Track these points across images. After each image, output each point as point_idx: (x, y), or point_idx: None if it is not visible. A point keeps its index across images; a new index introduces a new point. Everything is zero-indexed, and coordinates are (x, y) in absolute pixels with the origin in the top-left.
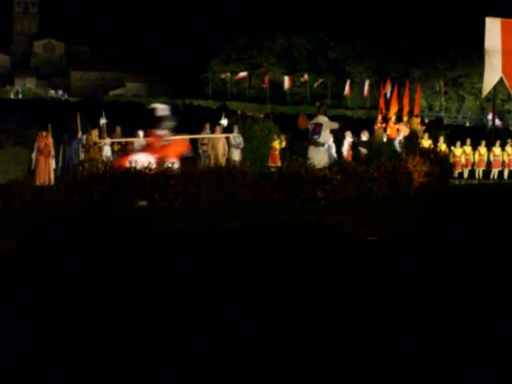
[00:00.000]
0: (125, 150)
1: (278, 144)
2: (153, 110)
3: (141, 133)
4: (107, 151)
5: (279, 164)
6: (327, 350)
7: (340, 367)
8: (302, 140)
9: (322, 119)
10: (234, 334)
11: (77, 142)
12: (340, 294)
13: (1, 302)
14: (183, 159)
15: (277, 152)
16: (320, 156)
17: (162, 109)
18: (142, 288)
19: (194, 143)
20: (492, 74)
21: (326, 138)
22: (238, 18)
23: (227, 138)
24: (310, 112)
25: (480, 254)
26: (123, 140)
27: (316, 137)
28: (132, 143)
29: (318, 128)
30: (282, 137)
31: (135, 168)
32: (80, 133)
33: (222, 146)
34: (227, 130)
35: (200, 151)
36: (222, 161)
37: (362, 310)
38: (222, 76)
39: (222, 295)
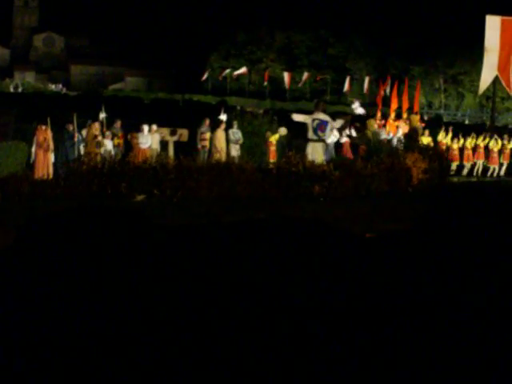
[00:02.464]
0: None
1: (273, 139)
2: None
3: (145, 127)
4: (108, 145)
5: (276, 159)
6: (324, 349)
7: (337, 367)
8: (301, 136)
9: (325, 117)
10: (229, 330)
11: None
12: (338, 291)
13: None
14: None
15: (273, 147)
16: (318, 151)
17: None
18: (141, 282)
19: (193, 138)
20: (489, 71)
21: (328, 136)
22: (238, 14)
23: (226, 134)
24: (309, 108)
25: (479, 251)
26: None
27: (322, 134)
28: (135, 136)
29: (324, 126)
30: (281, 129)
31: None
32: (76, 135)
33: (223, 141)
34: (226, 125)
35: (199, 146)
36: (223, 155)
37: (359, 307)
38: (223, 74)
39: (220, 291)
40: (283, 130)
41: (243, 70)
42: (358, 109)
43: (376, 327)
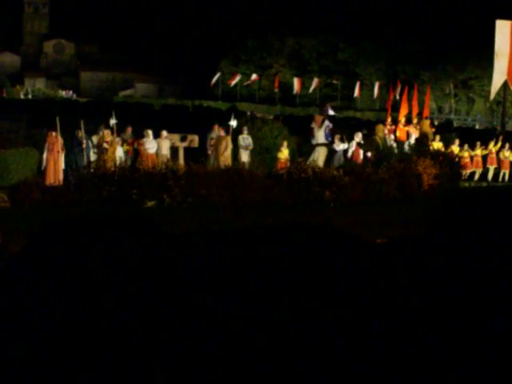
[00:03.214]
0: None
1: (282, 155)
2: None
3: (150, 132)
4: (118, 151)
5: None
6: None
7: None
8: (310, 142)
9: (326, 121)
10: (238, 335)
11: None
12: (348, 296)
13: (10, 301)
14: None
15: (283, 160)
16: (320, 153)
17: None
18: (150, 289)
19: (202, 144)
20: (499, 76)
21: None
22: (248, 20)
23: (235, 140)
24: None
25: (489, 257)
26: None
27: (330, 138)
28: (142, 143)
29: (332, 131)
30: (286, 143)
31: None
32: (84, 141)
33: (223, 146)
34: (236, 131)
35: (209, 152)
36: (222, 160)
37: (369, 312)
38: (233, 83)
39: (230, 296)
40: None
41: (254, 77)
42: (329, 111)
43: (385, 331)
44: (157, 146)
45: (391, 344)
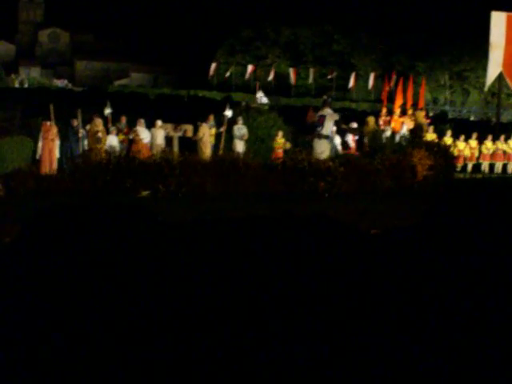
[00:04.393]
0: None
1: (282, 144)
2: None
3: (142, 121)
4: (113, 141)
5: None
6: (325, 347)
7: (337, 366)
8: (306, 133)
9: (326, 111)
10: (231, 328)
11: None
12: (343, 287)
13: (2, 290)
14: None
15: (280, 150)
16: (323, 148)
17: None
18: (144, 278)
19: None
20: (494, 68)
21: (329, 129)
22: (243, 9)
23: (230, 130)
24: (314, 104)
25: (483, 248)
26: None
27: (319, 128)
28: (137, 133)
29: (322, 119)
30: (281, 133)
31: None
32: (81, 131)
33: (200, 134)
34: (231, 121)
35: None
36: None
37: (363, 304)
38: (227, 74)
39: (224, 287)
40: (287, 144)
41: (250, 68)
42: (263, 98)
43: (378, 323)
44: (150, 135)
45: (383, 336)
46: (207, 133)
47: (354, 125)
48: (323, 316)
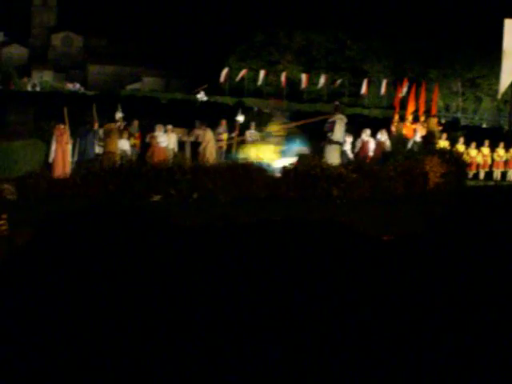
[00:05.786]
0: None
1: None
2: None
3: (161, 126)
4: (125, 145)
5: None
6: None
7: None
8: (319, 139)
9: (336, 116)
10: (242, 331)
11: (92, 134)
12: (353, 292)
13: (15, 294)
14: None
15: None
16: (333, 154)
17: None
18: (155, 282)
19: None
20: (507, 75)
21: (340, 134)
22: (256, 15)
23: (243, 135)
24: (326, 110)
25: (494, 256)
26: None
27: (330, 134)
28: (155, 137)
29: (332, 125)
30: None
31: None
32: (97, 124)
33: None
34: (244, 126)
35: (216, 147)
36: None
37: (372, 309)
38: (237, 79)
39: (234, 292)
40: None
41: (262, 73)
42: (204, 97)
43: (390, 328)
44: (168, 140)
45: (395, 340)
46: (212, 140)
47: (367, 131)
48: (335, 323)
